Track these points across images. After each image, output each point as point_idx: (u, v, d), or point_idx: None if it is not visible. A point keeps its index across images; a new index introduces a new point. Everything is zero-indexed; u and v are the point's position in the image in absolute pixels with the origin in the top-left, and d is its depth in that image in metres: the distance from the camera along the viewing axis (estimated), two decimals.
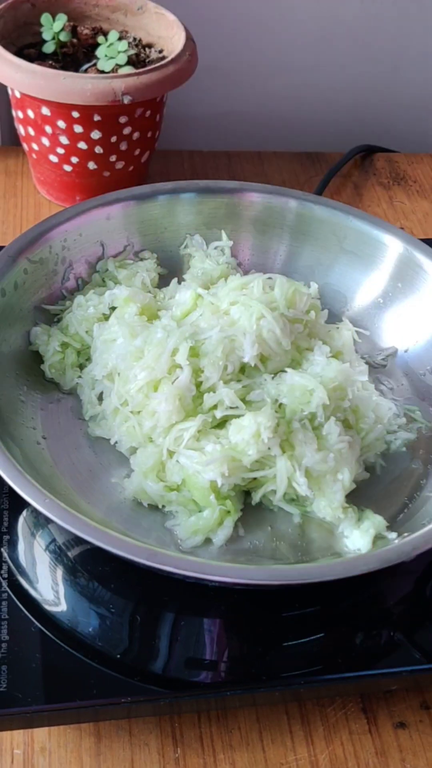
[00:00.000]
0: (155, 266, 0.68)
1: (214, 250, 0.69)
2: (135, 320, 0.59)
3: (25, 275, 0.60)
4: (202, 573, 0.45)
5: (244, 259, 0.71)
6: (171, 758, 0.49)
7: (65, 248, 0.64)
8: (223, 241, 0.70)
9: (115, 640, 0.49)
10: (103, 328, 0.60)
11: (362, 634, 0.51)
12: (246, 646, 0.50)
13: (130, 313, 0.59)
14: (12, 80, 0.71)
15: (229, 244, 0.70)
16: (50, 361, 0.60)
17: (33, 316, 0.62)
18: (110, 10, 0.81)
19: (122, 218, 0.66)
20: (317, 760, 0.50)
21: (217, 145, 0.99)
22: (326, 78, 1.00)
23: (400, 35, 0.97)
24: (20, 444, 0.53)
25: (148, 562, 0.44)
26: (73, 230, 0.64)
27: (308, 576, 0.46)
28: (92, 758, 0.49)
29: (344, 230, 0.68)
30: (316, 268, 0.69)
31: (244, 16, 0.92)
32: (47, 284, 0.63)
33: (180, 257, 0.70)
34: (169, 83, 0.73)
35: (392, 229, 0.67)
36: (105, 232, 0.66)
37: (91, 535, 0.45)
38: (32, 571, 0.52)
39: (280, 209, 0.69)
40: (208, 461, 0.51)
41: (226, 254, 0.69)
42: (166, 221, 0.68)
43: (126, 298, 0.60)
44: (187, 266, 0.69)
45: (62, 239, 0.63)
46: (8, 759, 0.48)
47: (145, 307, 0.60)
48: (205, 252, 0.69)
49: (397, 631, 0.52)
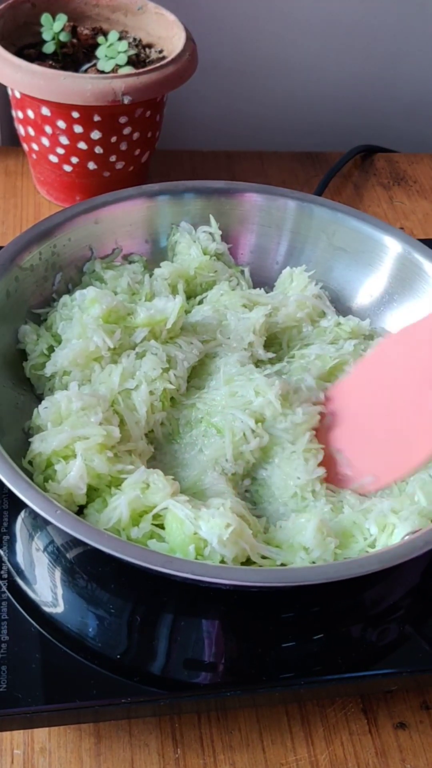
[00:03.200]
0: (142, 269, 0.67)
1: (202, 234, 0.69)
2: (90, 321, 0.58)
3: (16, 283, 0.60)
4: (218, 578, 0.45)
5: (239, 259, 0.71)
6: (171, 759, 0.49)
7: (55, 254, 0.63)
8: (212, 227, 0.69)
9: (115, 641, 0.49)
10: (66, 327, 0.60)
11: (362, 635, 0.51)
12: (246, 647, 0.50)
13: (91, 314, 0.59)
14: (12, 80, 0.71)
15: (218, 231, 0.69)
16: (33, 361, 0.59)
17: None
18: (110, 10, 0.81)
19: (110, 221, 0.66)
20: (317, 760, 0.50)
21: (217, 145, 0.99)
22: (326, 78, 1.00)
23: (400, 35, 0.97)
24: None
25: (165, 569, 0.44)
26: (62, 235, 0.63)
27: (311, 577, 0.46)
28: (92, 759, 0.49)
29: (342, 231, 0.68)
30: (315, 269, 0.69)
31: (244, 16, 0.92)
32: (38, 291, 0.63)
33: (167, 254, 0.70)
34: (169, 83, 0.73)
35: (392, 230, 0.67)
36: (93, 236, 0.66)
37: (105, 545, 0.45)
38: (32, 572, 0.52)
39: (268, 208, 0.69)
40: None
41: (216, 240, 0.69)
42: (154, 223, 0.68)
43: (91, 299, 0.59)
44: (172, 254, 0.69)
45: (52, 245, 0.63)
46: (8, 759, 0.48)
47: (112, 309, 0.59)
48: (192, 237, 0.69)
49: (406, 624, 0.52)
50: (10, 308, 0.60)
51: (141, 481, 0.51)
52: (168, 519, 0.49)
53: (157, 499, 0.50)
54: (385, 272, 0.67)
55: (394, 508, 0.52)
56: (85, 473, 0.51)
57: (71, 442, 0.52)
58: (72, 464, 0.51)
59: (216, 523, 0.48)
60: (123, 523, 0.50)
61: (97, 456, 0.52)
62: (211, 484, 0.54)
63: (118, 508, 0.50)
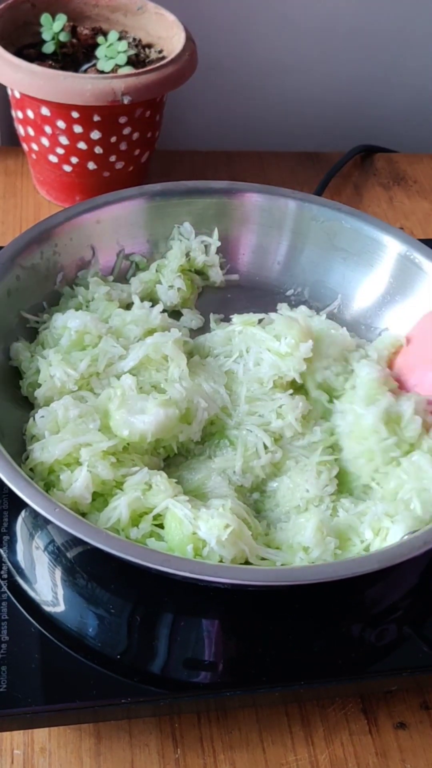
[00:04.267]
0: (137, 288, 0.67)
1: (200, 244, 0.69)
2: (51, 356, 0.57)
3: (17, 282, 0.60)
4: (217, 577, 0.45)
5: (239, 260, 0.71)
6: (171, 759, 0.49)
7: (56, 253, 0.63)
8: (212, 239, 0.69)
9: (115, 641, 0.49)
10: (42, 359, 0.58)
11: (362, 635, 0.51)
12: (245, 647, 0.50)
13: (59, 346, 0.58)
14: (12, 80, 0.71)
15: (217, 243, 0.69)
16: (30, 379, 0.58)
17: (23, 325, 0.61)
18: (110, 10, 0.81)
19: (112, 221, 0.66)
20: (317, 760, 0.50)
21: (217, 145, 0.99)
22: (326, 78, 1.00)
23: (400, 35, 0.97)
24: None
25: (163, 568, 0.44)
26: (63, 235, 0.63)
27: (310, 576, 0.46)
28: (92, 759, 0.49)
29: (343, 231, 0.68)
30: (315, 269, 0.69)
31: (244, 16, 0.92)
32: (39, 290, 0.63)
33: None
34: (169, 83, 0.73)
35: (392, 230, 0.67)
36: (95, 235, 0.66)
37: (103, 543, 0.45)
38: (32, 572, 0.52)
39: (270, 208, 0.69)
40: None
41: (211, 252, 0.69)
42: (155, 223, 0.68)
43: (62, 327, 0.59)
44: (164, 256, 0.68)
45: (53, 244, 0.63)
46: (8, 759, 0.48)
47: (84, 331, 0.58)
48: (187, 245, 0.68)
49: (405, 625, 0.52)
50: (8, 308, 0.59)
51: (143, 482, 0.51)
52: (167, 518, 0.49)
53: (157, 501, 0.50)
54: (386, 272, 0.67)
55: (388, 512, 0.52)
56: (90, 482, 0.50)
57: (74, 449, 0.52)
58: (78, 473, 0.51)
59: (215, 524, 0.48)
60: (122, 524, 0.50)
61: (101, 462, 0.51)
62: (215, 487, 0.54)
63: (118, 509, 0.50)
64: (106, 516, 0.50)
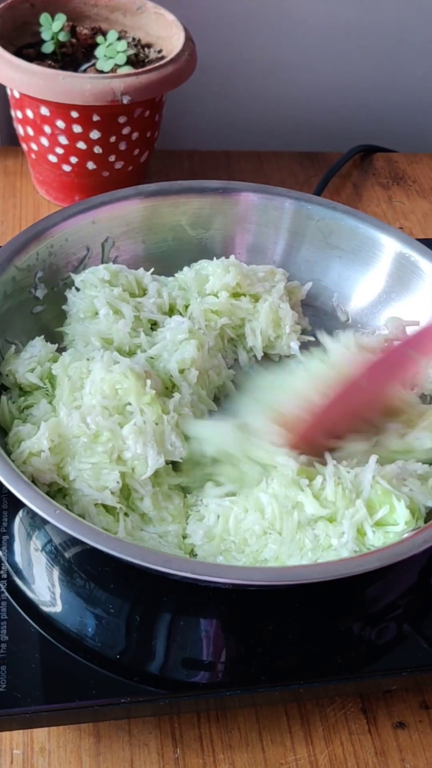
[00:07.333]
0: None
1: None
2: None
3: (14, 283, 0.60)
4: (216, 577, 0.45)
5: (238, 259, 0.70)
6: (171, 758, 0.49)
7: (52, 254, 0.63)
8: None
9: (114, 641, 0.49)
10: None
11: (361, 634, 0.51)
12: (245, 646, 0.50)
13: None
14: (11, 80, 0.71)
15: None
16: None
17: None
18: (109, 10, 0.81)
19: (107, 221, 0.66)
20: (317, 760, 0.50)
21: (216, 145, 0.99)
22: (326, 78, 1.00)
23: (400, 35, 0.97)
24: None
25: (163, 568, 0.44)
26: (59, 236, 0.63)
27: (310, 575, 0.45)
28: (92, 758, 0.49)
29: (340, 230, 0.68)
30: (311, 268, 0.69)
31: (244, 16, 0.92)
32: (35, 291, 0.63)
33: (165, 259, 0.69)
34: (169, 83, 0.73)
35: (389, 229, 0.67)
36: (90, 236, 0.66)
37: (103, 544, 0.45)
38: (30, 572, 0.52)
39: (265, 207, 0.69)
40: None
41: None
42: (151, 223, 0.68)
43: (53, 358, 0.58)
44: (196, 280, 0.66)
45: (49, 245, 0.63)
46: (8, 759, 0.48)
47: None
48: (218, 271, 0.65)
49: (404, 623, 0.52)
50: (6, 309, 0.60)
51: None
52: None
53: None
54: (383, 272, 0.67)
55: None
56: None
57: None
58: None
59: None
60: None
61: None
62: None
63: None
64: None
